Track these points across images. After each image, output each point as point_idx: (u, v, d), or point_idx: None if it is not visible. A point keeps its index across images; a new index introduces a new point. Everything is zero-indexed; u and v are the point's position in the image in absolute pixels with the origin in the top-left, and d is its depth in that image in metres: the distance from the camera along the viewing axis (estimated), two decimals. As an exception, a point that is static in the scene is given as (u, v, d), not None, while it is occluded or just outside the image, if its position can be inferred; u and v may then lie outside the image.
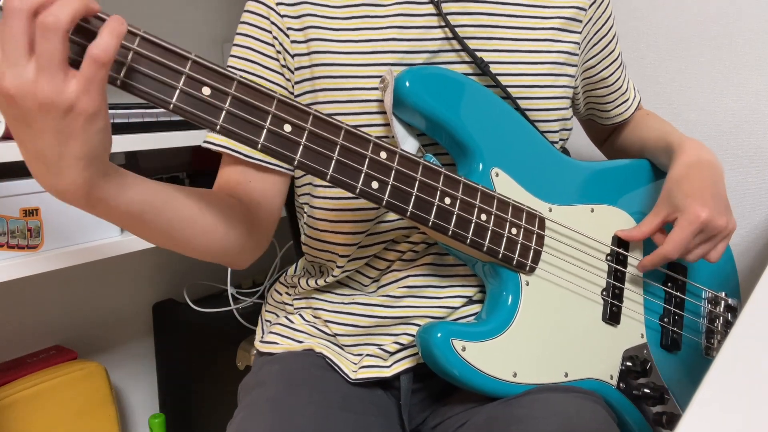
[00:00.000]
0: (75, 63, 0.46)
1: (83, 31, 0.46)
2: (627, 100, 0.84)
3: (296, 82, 0.70)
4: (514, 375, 0.63)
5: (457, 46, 0.67)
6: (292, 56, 0.69)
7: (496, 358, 0.62)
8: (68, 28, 0.43)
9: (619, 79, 0.81)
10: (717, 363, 0.39)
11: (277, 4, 0.68)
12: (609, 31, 0.76)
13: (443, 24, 0.67)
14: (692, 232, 0.66)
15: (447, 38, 0.67)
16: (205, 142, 0.72)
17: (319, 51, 0.67)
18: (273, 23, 0.68)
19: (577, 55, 0.72)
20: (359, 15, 0.67)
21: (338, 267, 0.72)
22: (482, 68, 0.67)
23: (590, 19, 0.72)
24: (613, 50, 0.78)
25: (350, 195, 0.66)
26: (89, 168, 0.48)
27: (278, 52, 0.69)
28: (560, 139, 0.75)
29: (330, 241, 0.72)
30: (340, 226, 0.70)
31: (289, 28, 0.68)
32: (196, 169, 1.37)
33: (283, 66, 0.69)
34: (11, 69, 0.43)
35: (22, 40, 0.42)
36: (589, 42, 0.74)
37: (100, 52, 0.44)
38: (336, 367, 0.71)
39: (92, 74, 0.44)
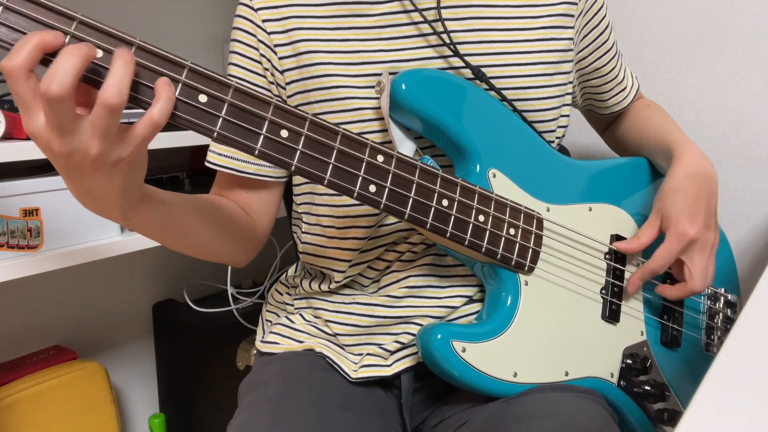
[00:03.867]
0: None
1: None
2: (624, 88, 0.83)
3: (288, 96, 0.70)
4: (515, 375, 0.63)
5: (449, 53, 0.67)
6: (282, 72, 0.69)
7: (496, 359, 0.62)
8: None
9: (614, 68, 0.80)
10: (717, 363, 0.39)
11: (264, 21, 0.68)
12: (601, 21, 0.75)
13: (433, 31, 0.66)
14: (680, 249, 0.67)
15: (438, 45, 0.67)
16: (207, 162, 0.74)
17: (310, 64, 0.67)
18: (260, 41, 0.69)
19: (571, 50, 0.72)
20: (346, 26, 0.67)
21: (340, 272, 0.72)
22: (476, 74, 0.67)
23: (581, 11, 0.72)
24: (607, 40, 0.77)
25: (354, 201, 0.68)
26: (130, 195, 0.52)
27: (266, 69, 0.70)
28: (556, 138, 0.75)
29: (336, 247, 0.72)
30: (347, 232, 0.70)
31: (276, 45, 0.68)
32: (195, 169, 1.38)
33: (271, 83, 0.70)
34: (64, 136, 0.44)
35: (71, 113, 0.44)
36: (580, 33, 0.74)
37: (159, 117, 0.47)
38: (337, 367, 0.71)
39: (147, 134, 0.47)
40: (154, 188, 0.58)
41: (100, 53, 0.46)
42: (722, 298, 0.82)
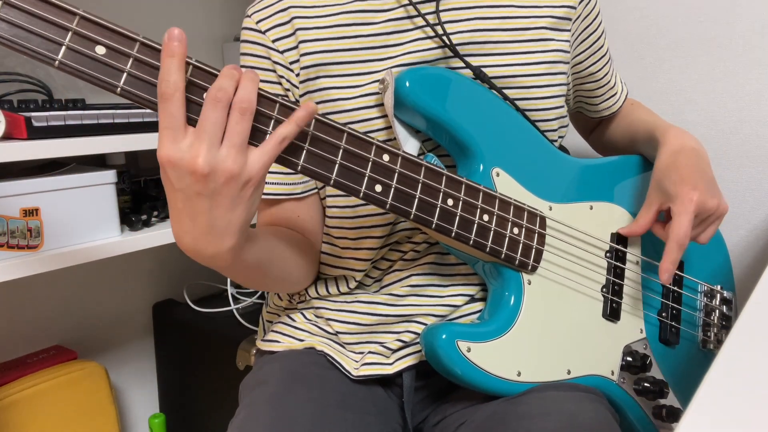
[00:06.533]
0: None
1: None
2: (615, 94, 0.84)
3: None
4: (518, 374, 0.63)
5: (451, 54, 0.67)
6: (298, 86, 0.69)
7: (500, 358, 0.63)
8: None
9: (607, 74, 0.81)
10: (717, 362, 0.39)
11: (274, 41, 0.68)
12: (598, 27, 0.76)
13: (436, 34, 0.66)
14: (690, 215, 0.66)
15: (441, 47, 0.67)
16: None
17: (315, 77, 0.67)
18: (276, 63, 0.68)
19: (568, 52, 0.72)
20: (352, 35, 0.67)
21: (356, 281, 0.72)
22: (477, 74, 0.66)
23: (579, 15, 0.73)
24: (602, 45, 0.78)
25: (370, 212, 0.68)
26: (243, 232, 0.54)
27: (287, 90, 0.69)
28: (559, 137, 0.75)
29: (351, 257, 0.72)
30: (361, 243, 0.71)
31: (291, 62, 0.68)
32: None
33: (294, 102, 0.70)
34: (208, 151, 0.47)
35: (222, 124, 0.48)
36: (578, 38, 0.74)
37: (287, 134, 0.50)
38: (338, 365, 0.71)
39: (276, 152, 0.50)
40: (251, 228, 0.59)
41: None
42: (718, 295, 0.82)
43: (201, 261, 0.54)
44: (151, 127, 1.02)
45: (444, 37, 0.65)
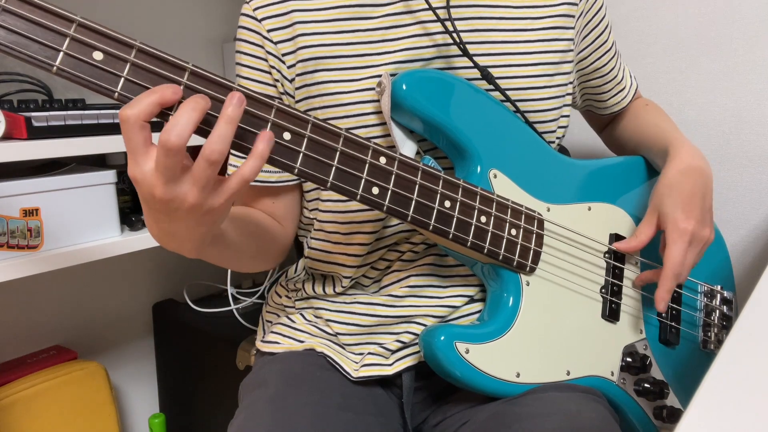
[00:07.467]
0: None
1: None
2: (623, 88, 0.84)
3: (296, 102, 0.70)
4: (518, 375, 0.63)
5: (453, 52, 0.67)
6: (291, 80, 0.69)
7: (499, 360, 0.63)
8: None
9: (614, 68, 0.81)
10: (717, 362, 0.39)
11: (269, 31, 0.68)
12: (601, 21, 0.76)
13: (436, 31, 0.66)
14: (686, 245, 0.66)
15: (443, 44, 0.67)
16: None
17: (313, 70, 0.67)
18: (269, 53, 0.68)
19: (572, 51, 0.72)
20: (350, 29, 0.67)
21: (347, 278, 0.72)
22: (483, 74, 0.66)
23: (581, 12, 0.72)
24: (606, 40, 0.77)
25: (362, 207, 0.68)
26: (208, 238, 0.55)
27: (276, 80, 0.69)
28: (557, 138, 0.75)
29: (342, 253, 0.72)
30: (352, 238, 0.70)
31: (284, 54, 0.68)
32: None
33: (282, 93, 0.70)
34: (165, 185, 0.47)
35: (178, 168, 0.47)
36: (581, 33, 0.74)
37: (250, 174, 0.49)
38: (337, 366, 0.71)
39: (238, 188, 0.50)
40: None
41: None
42: (719, 295, 0.82)
43: (171, 250, 0.58)
44: (152, 127, 1.01)
45: (454, 35, 0.65)
